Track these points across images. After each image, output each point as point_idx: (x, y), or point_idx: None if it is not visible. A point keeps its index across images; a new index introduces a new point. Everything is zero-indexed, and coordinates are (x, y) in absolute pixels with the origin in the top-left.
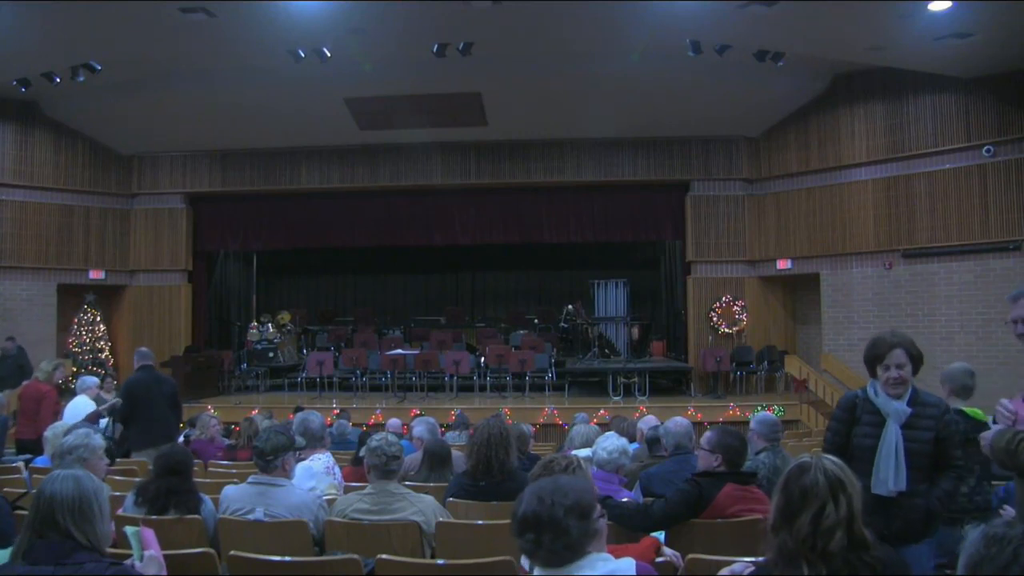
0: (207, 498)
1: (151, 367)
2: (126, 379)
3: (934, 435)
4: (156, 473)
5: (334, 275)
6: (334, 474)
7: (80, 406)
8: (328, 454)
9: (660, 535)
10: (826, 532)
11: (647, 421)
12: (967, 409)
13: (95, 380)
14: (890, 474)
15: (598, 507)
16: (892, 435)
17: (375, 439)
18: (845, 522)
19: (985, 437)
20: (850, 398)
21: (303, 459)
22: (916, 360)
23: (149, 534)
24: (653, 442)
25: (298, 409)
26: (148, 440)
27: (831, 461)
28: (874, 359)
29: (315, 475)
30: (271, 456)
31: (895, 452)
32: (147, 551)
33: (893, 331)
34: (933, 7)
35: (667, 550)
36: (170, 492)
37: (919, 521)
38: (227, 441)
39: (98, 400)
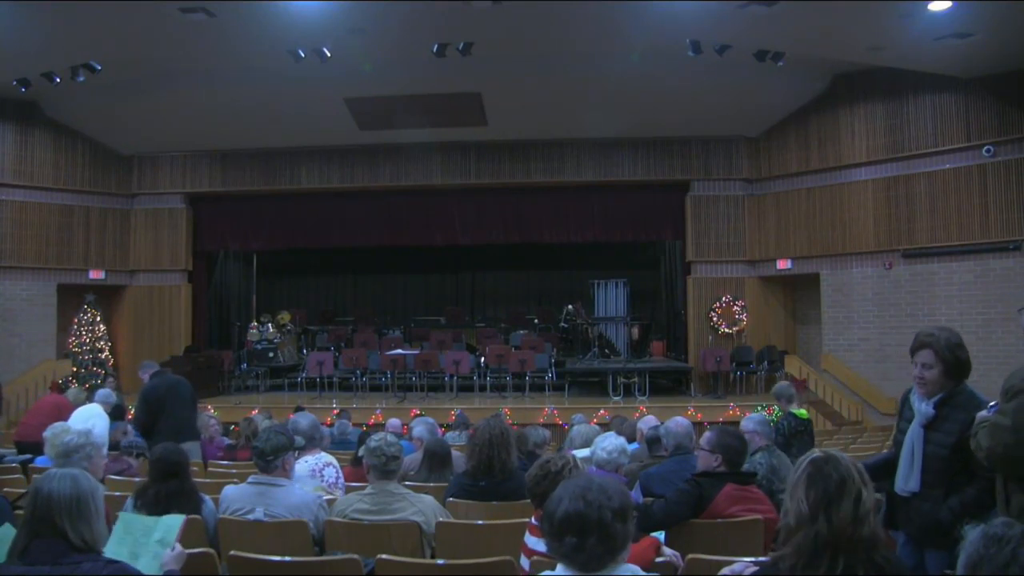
0: (207, 498)
1: (163, 372)
2: (141, 389)
3: (955, 440)
4: (153, 476)
5: (334, 275)
6: (321, 476)
7: (85, 412)
8: (320, 455)
9: (660, 535)
10: (863, 517)
11: (647, 421)
12: (795, 411)
13: (115, 400)
14: (903, 473)
15: (632, 508)
16: (912, 434)
17: (374, 439)
18: (874, 509)
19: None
20: (904, 393)
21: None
22: (949, 363)
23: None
24: (653, 442)
25: (298, 409)
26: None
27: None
28: (911, 353)
29: (298, 478)
30: (271, 457)
31: (912, 452)
32: (178, 544)
33: (940, 329)
34: (933, 7)
35: (667, 550)
36: (171, 495)
37: (928, 527)
38: (227, 441)
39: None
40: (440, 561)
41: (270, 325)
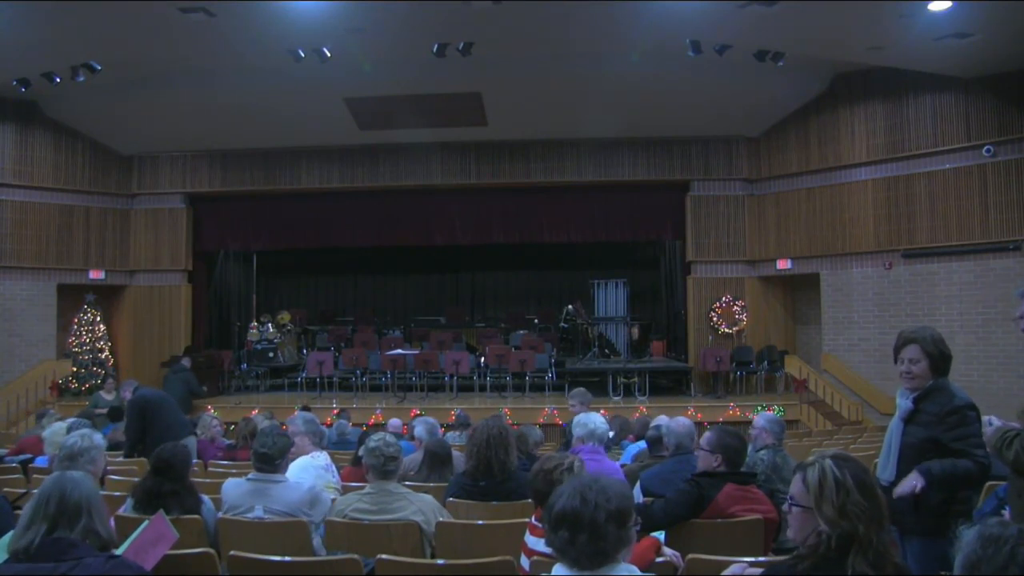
0: (207, 498)
1: (142, 386)
2: (133, 403)
3: (929, 434)
4: (149, 474)
5: (334, 275)
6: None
7: None
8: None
9: (660, 535)
10: (884, 512)
11: (661, 420)
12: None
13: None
14: (882, 463)
15: (634, 514)
16: (892, 427)
17: (373, 440)
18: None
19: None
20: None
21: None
22: (934, 358)
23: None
24: (654, 442)
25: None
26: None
27: None
28: (894, 352)
29: (316, 471)
30: (279, 460)
31: (890, 443)
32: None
33: (921, 327)
34: (933, 7)
35: (667, 550)
36: (161, 491)
37: (904, 513)
38: (227, 441)
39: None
40: (440, 561)
41: (270, 325)
